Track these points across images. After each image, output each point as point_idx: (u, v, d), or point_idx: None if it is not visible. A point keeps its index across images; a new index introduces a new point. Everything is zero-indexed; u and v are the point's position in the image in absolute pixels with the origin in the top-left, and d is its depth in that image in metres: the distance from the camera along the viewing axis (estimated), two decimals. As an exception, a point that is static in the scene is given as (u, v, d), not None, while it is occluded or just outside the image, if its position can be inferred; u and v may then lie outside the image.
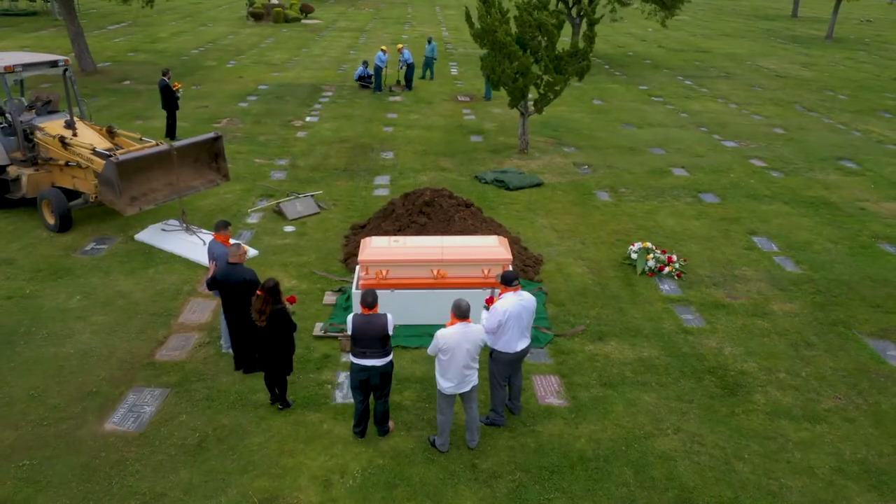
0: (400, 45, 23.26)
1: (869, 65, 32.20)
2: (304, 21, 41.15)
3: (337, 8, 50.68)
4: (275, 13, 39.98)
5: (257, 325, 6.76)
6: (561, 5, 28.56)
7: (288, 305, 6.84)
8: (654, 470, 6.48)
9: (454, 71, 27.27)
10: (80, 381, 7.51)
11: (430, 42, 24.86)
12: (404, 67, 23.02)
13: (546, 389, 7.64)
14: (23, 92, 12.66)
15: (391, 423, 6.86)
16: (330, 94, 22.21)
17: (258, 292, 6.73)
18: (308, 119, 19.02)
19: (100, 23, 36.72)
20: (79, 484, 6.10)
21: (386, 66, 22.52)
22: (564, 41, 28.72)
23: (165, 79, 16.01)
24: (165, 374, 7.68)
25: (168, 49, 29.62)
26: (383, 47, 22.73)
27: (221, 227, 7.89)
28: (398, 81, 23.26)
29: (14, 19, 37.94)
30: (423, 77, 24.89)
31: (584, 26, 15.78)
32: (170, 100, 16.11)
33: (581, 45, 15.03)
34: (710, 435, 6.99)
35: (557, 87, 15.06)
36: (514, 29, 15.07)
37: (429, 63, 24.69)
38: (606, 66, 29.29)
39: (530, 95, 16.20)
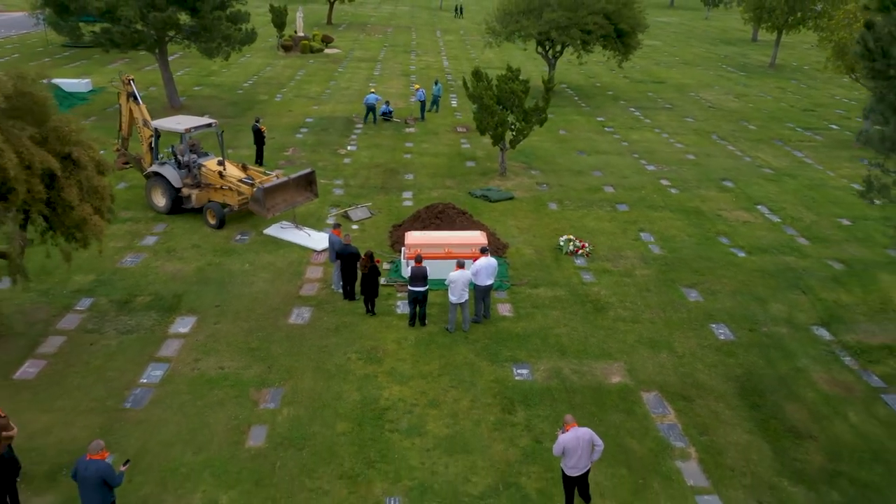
0: (417, 86, 30.61)
1: (793, 94, 39.58)
2: (326, 51, 48.36)
3: (350, 34, 57.86)
4: (302, 45, 47.24)
5: (362, 273, 14.09)
6: (539, 48, 36.01)
7: (376, 264, 14.16)
8: (551, 340, 13.82)
9: (454, 103, 34.60)
10: (267, 304, 14.83)
11: (436, 83, 32.26)
12: (417, 103, 30.38)
13: (503, 309, 14.97)
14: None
15: (427, 321, 14.18)
16: (360, 126, 29.50)
17: (363, 257, 14.07)
18: (349, 148, 26.33)
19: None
20: (286, 342, 13.42)
21: (379, 103, 29.66)
22: (544, 71, 36.15)
23: (258, 124, 23.32)
24: (308, 301, 15.00)
25: (224, 83, 36.94)
26: (372, 89, 30.11)
27: (336, 226, 15.23)
28: (413, 116, 30.54)
29: (82, 52, 44.81)
30: (429, 110, 32.16)
31: (545, 86, 23.01)
32: (259, 138, 23.41)
33: (541, 104, 22.36)
34: (581, 327, 14.33)
35: (525, 132, 22.39)
36: (496, 92, 22.35)
37: (435, 100, 32.04)
38: (576, 98, 36.66)
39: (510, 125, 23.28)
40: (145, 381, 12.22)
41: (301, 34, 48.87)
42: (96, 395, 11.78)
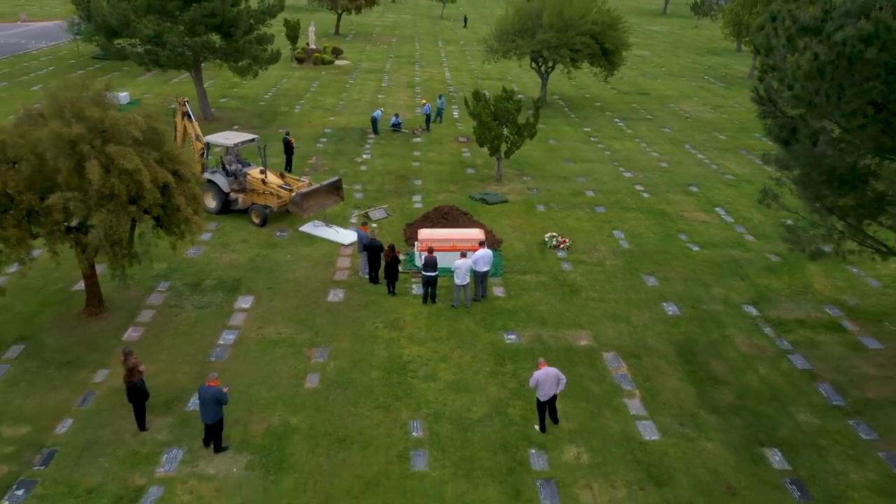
0: (424, 101, 34.37)
1: (765, 105, 43.24)
2: (336, 63, 52.04)
3: (357, 44, 61.54)
4: (314, 57, 50.93)
5: (385, 261, 17.83)
6: (533, 64, 39.74)
7: (397, 254, 17.91)
8: (535, 314, 17.57)
9: (455, 114, 38.31)
10: (309, 286, 18.56)
11: (440, 97, 36.04)
12: (423, 116, 34.17)
13: (497, 291, 18.71)
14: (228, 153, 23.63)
15: (437, 299, 17.91)
16: (372, 137, 33.20)
17: (386, 248, 17.81)
18: (364, 156, 30.05)
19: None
20: (327, 315, 17.16)
21: (380, 117, 33.64)
22: (537, 83, 39.79)
23: (287, 136, 27.09)
24: (341, 285, 18.74)
25: (247, 95, 40.63)
26: (381, 108, 34.17)
27: (363, 223, 18.96)
28: (421, 127, 34.35)
29: (112, 64, 48.34)
30: (433, 121, 35.90)
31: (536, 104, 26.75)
32: (289, 149, 27.16)
33: (531, 120, 26.09)
34: (559, 305, 18.07)
35: (518, 145, 26.14)
36: (493, 110, 26.07)
37: (439, 112, 35.81)
38: (566, 109, 40.37)
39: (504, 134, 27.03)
40: (222, 342, 15.96)
41: (313, 46, 52.53)
42: (187, 351, 15.53)
